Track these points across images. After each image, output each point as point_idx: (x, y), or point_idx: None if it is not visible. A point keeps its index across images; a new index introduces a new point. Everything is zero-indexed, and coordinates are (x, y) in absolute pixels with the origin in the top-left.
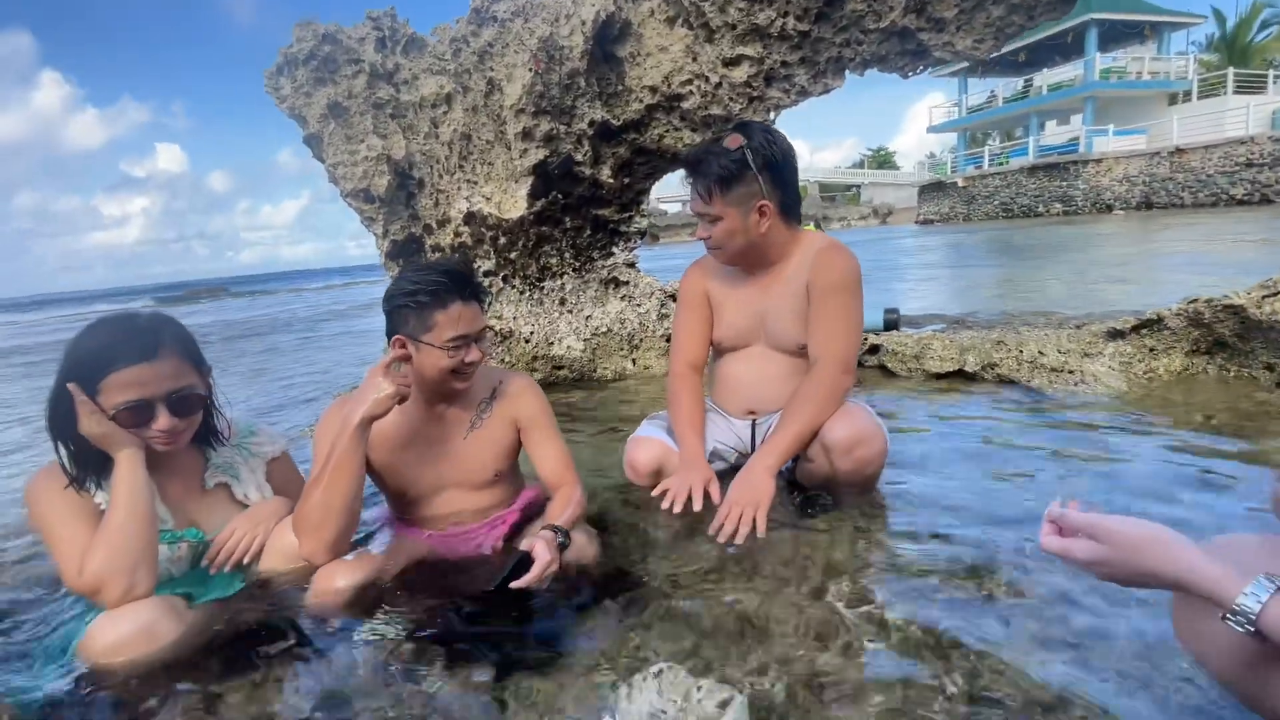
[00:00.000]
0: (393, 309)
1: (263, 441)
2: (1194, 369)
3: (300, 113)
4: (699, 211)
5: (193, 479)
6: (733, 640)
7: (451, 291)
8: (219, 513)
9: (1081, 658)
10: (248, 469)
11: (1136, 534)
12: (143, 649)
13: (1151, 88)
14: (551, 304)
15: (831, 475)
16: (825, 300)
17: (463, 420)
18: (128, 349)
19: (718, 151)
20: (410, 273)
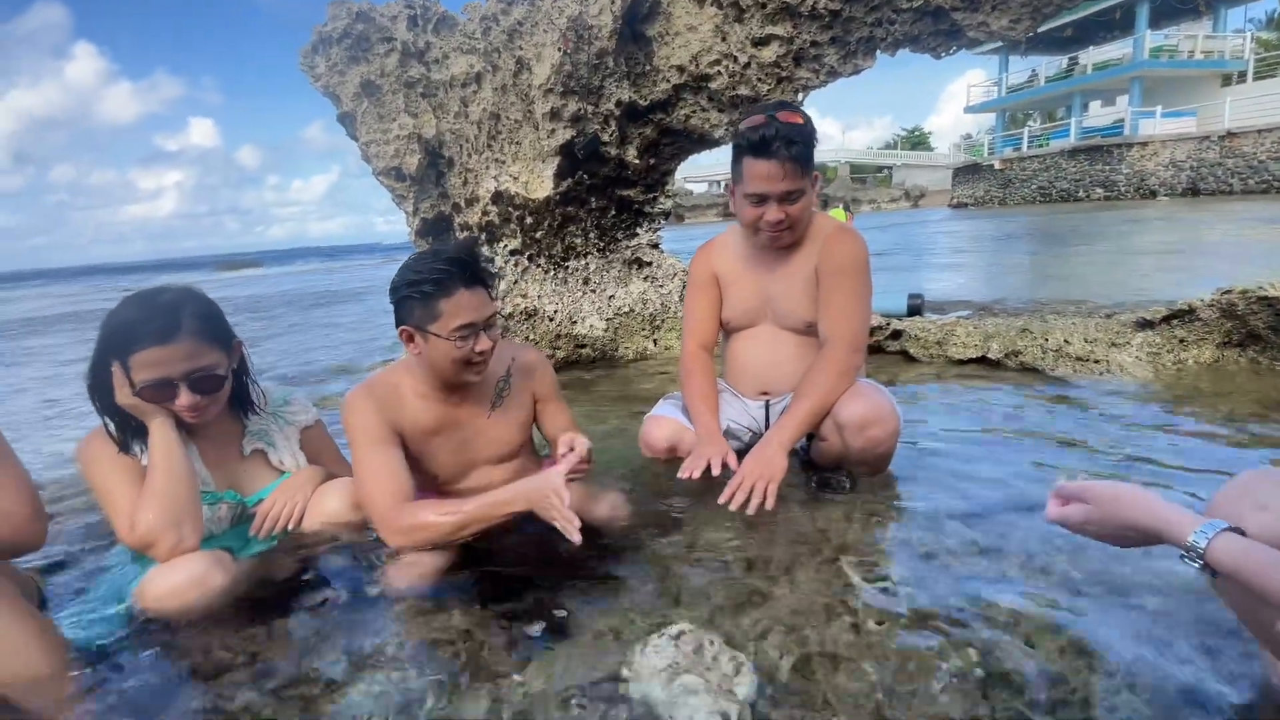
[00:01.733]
0: (398, 300)
1: (297, 410)
2: (1225, 361)
3: (334, 91)
4: (787, 189)
5: (231, 446)
6: (746, 610)
7: (456, 279)
8: (257, 477)
9: (1091, 638)
10: (283, 437)
11: (1113, 490)
12: (193, 597)
13: (1204, 67)
14: (575, 283)
15: (845, 454)
16: (835, 282)
17: (483, 401)
18: (148, 331)
19: (792, 127)
20: (414, 261)
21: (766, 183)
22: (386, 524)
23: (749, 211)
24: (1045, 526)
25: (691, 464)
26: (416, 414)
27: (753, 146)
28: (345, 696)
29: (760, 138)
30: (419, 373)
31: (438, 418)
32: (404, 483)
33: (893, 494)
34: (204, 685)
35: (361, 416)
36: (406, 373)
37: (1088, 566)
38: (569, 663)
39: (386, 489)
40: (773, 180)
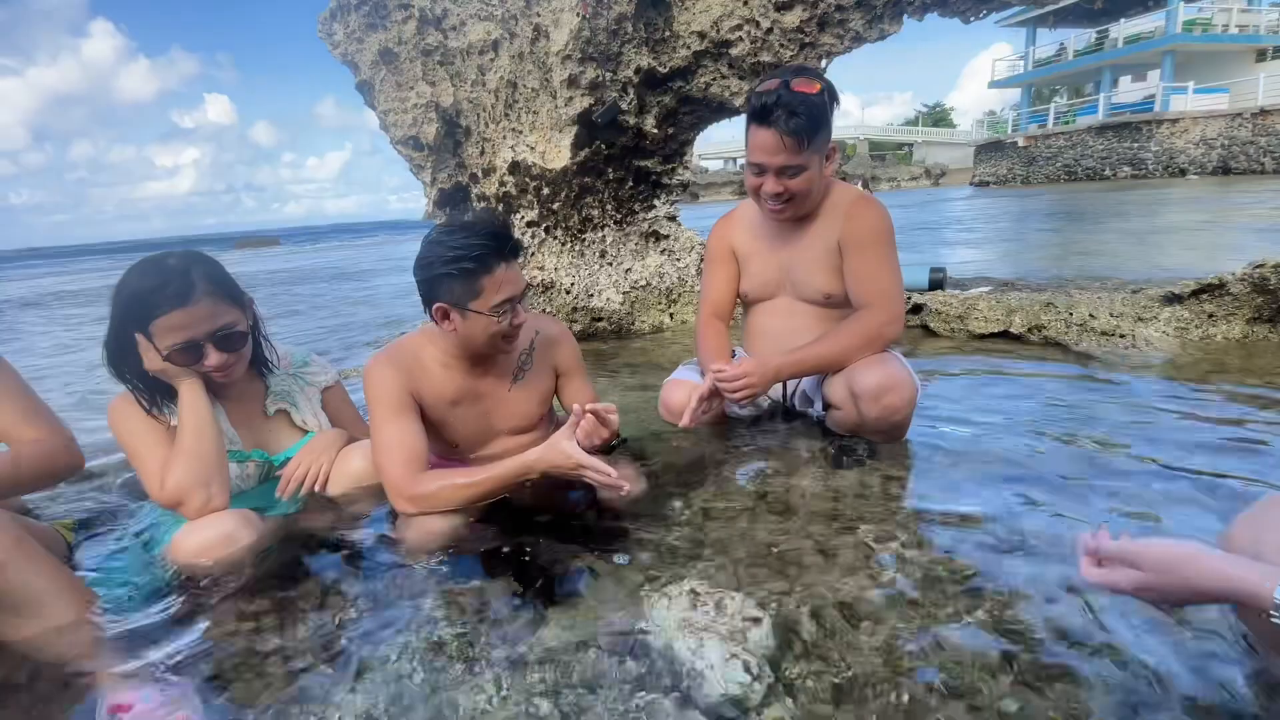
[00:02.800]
0: (433, 276)
1: (316, 371)
2: (1254, 336)
3: (353, 59)
4: (784, 164)
5: (256, 406)
6: (763, 568)
7: (497, 254)
8: (282, 437)
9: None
10: (304, 397)
11: (1166, 554)
12: (223, 552)
13: (1239, 42)
14: (592, 256)
15: (860, 422)
16: (865, 251)
17: (506, 373)
18: (165, 296)
19: (799, 97)
20: (447, 236)
21: (763, 154)
22: (398, 491)
23: (750, 180)
24: (1062, 498)
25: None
26: (438, 383)
27: (755, 113)
28: (368, 648)
29: (763, 105)
30: (444, 343)
31: (460, 388)
32: (419, 451)
33: (910, 463)
34: (230, 637)
35: (381, 384)
36: (429, 341)
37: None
38: (586, 617)
39: (400, 457)
40: (769, 152)
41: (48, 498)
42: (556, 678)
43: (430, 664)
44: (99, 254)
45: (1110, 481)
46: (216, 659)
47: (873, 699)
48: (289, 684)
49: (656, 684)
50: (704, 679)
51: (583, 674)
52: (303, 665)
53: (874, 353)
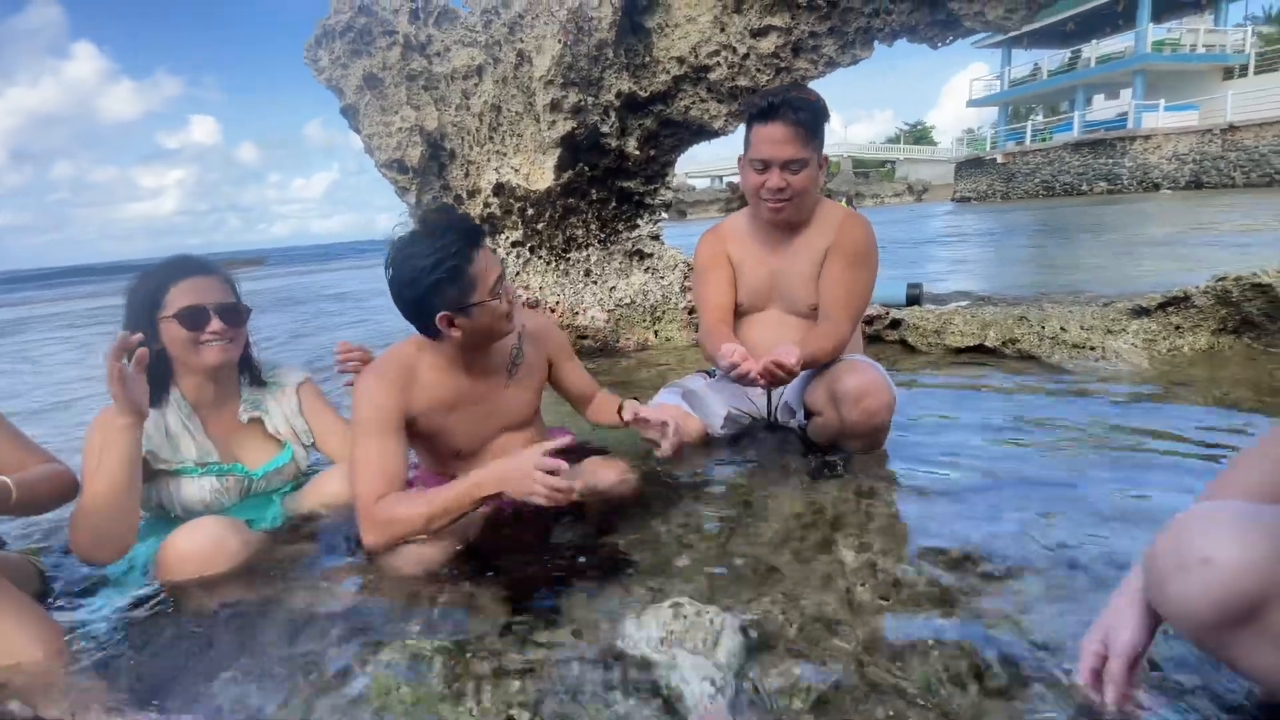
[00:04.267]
0: (423, 291)
1: (284, 374)
2: (1220, 347)
3: (338, 84)
4: (790, 156)
5: (231, 415)
6: (742, 582)
7: (471, 243)
8: (259, 449)
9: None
10: (275, 401)
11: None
12: (212, 558)
13: (1206, 61)
14: (577, 275)
15: (841, 428)
16: (848, 266)
17: (499, 371)
18: (186, 266)
19: (801, 98)
20: (416, 248)
21: (771, 147)
22: (365, 517)
23: (752, 178)
24: (1038, 505)
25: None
26: (433, 390)
27: (760, 113)
28: (351, 665)
29: (768, 104)
30: (438, 348)
31: (456, 391)
32: (395, 473)
33: (887, 474)
34: (208, 659)
35: (370, 400)
36: (420, 349)
37: (1082, 549)
38: (566, 635)
39: (373, 479)
40: (777, 144)
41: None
42: (537, 690)
43: (412, 679)
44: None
45: (1082, 492)
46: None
47: (852, 710)
48: (270, 702)
49: (636, 697)
50: (683, 693)
51: (563, 687)
52: (285, 682)
53: (838, 353)
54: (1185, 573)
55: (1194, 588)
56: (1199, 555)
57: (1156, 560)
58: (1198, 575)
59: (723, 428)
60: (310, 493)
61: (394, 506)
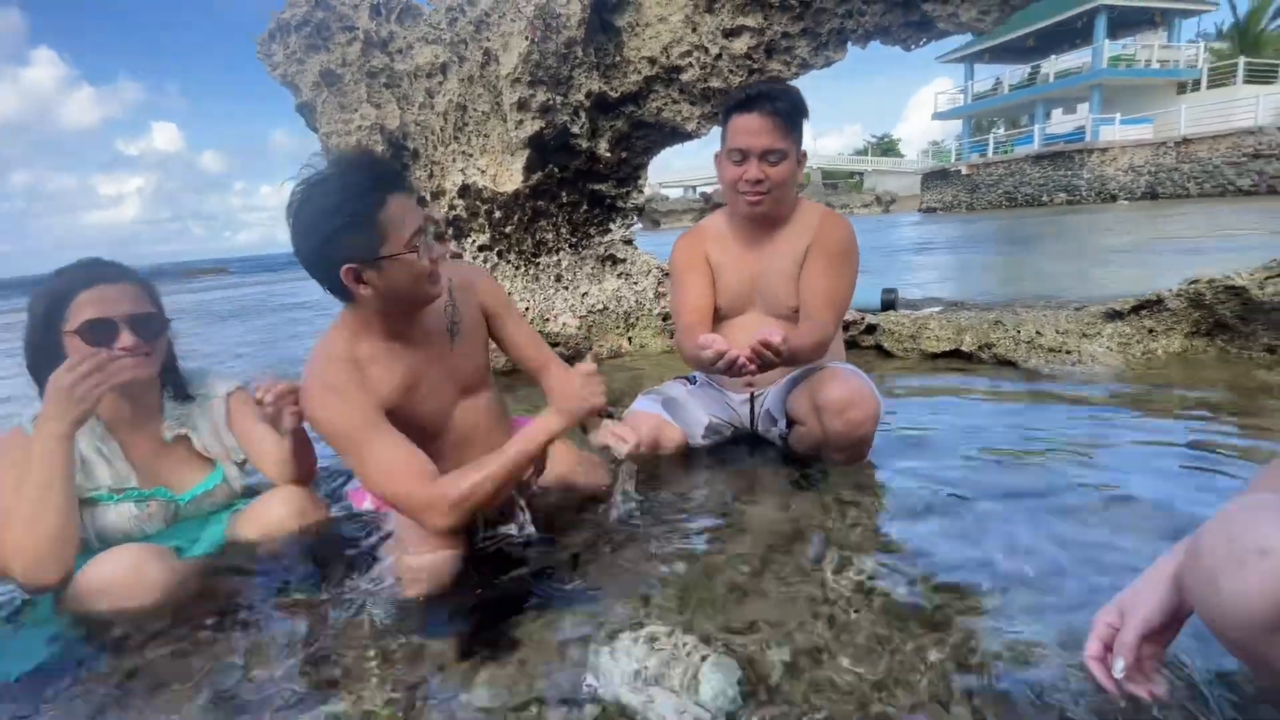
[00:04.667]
0: (324, 238)
1: (213, 383)
2: (1193, 350)
3: (293, 80)
4: (768, 146)
5: (154, 435)
6: (724, 608)
7: (385, 186)
8: (186, 470)
9: (1072, 631)
10: (204, 417)
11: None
12: (131, 590)
13: (1160, 76)
14: (547, 280)
15: (824, 438)
16: (829, 263)
17: (440, 333)
18: (92, 274)
19: (780, 89)
20: (320, 188)
21: (749, 136)
22: (434, 508)
23: (730, 170)
24: (1024, 515)
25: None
26: (386, 377)
27: (738, 104)
28: (291, 713)
29: (746, 95)
30: (370, 327)
31: (406, 369)
32: (422, 458)
33: (869, 485)
34: (140, 700)
35: (340, 412)
36: (349, 339)
37: (1070, 559)
38: (531, 671)
39: (412, 473)
40: (755, 134)
41: None
42: None
43: None
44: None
45: (1066, 499)
46: None
47: None
48: None
49: None
50: None
51: None
52: None
53: (821, 354)
54: (1241, 566)
55: (1252, 582)
56: (1257, 546)
57: (1204, 556)
58: (1256, 568)
59: (704, 437)
60: (249, 519)
61: (459, 482)
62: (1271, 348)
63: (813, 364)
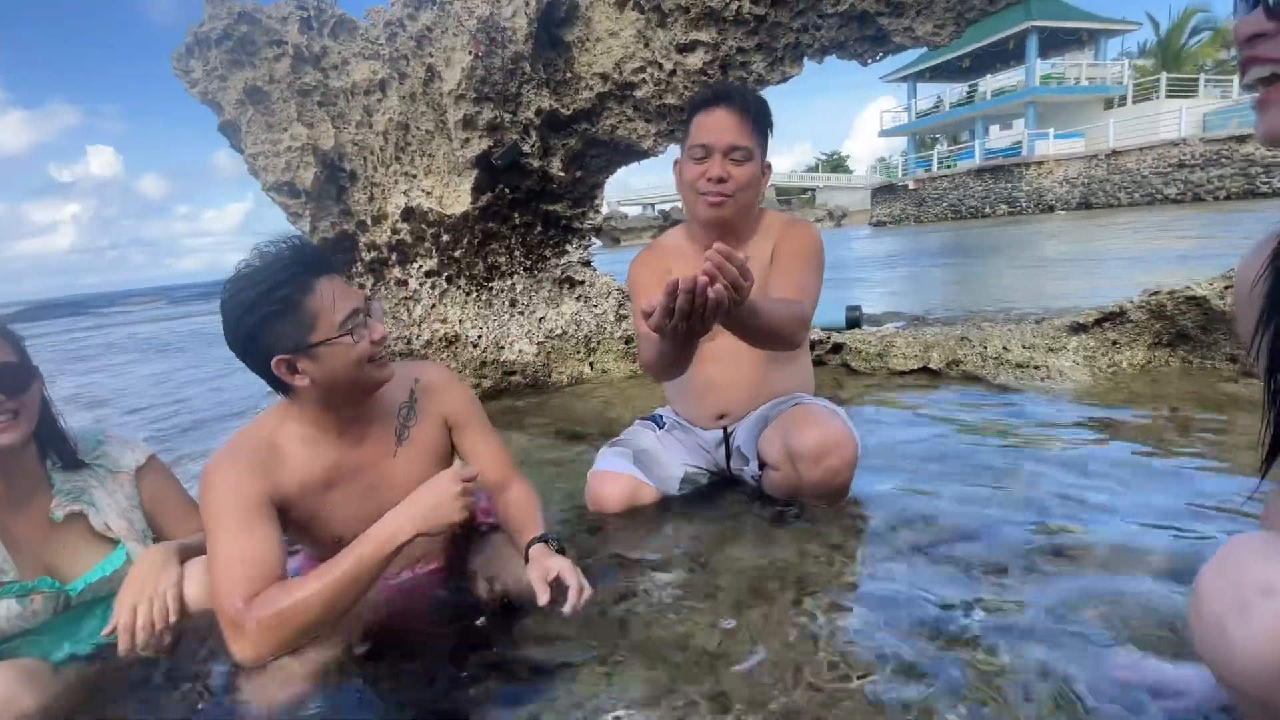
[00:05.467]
0: (251, 329)
1: (116, 453)
2: (1156, 361)
3: (214, 98)
4: (732, 142)
5: (39, 514)
6: (705, 674)
7: (311, 269)
8: (80, 552)
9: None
10: (105, 492)
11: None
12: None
13: (1089, 92)
14: (501, 305)
15: (799, 486)
16: (793, 262)
17: (386, 436)
18: None
19: (748, 89)
20: (243, 281)
21: (713, 132)
22: (233, 627)
23: (691, 169)
24: (1012, 548)
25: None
26: (304, 467)
27: (704, 100)
28: None
29: (712, 92)
30: (302, 413)
31: (332, 464)
32: (269, 566)
33: (850, 521)
34: None
35: (223, 489)
36: (283, 419)
37: (1064, 598)
38: None
39: (239, 579)
40: (720, 130)
41: None
42: None
43: None
44: None
45: (1056, 523)
46: None
47: None
48: None
49: None
50: None
51: None
52: None
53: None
54: (1247, 610)
55: (1260, 624)
56: (1259, 585)
57: (1206, 604)
58: (1263, 609)
59: (680, 489)
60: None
61: (276, 598)
62: (1233, 357)
63: (784, 398)
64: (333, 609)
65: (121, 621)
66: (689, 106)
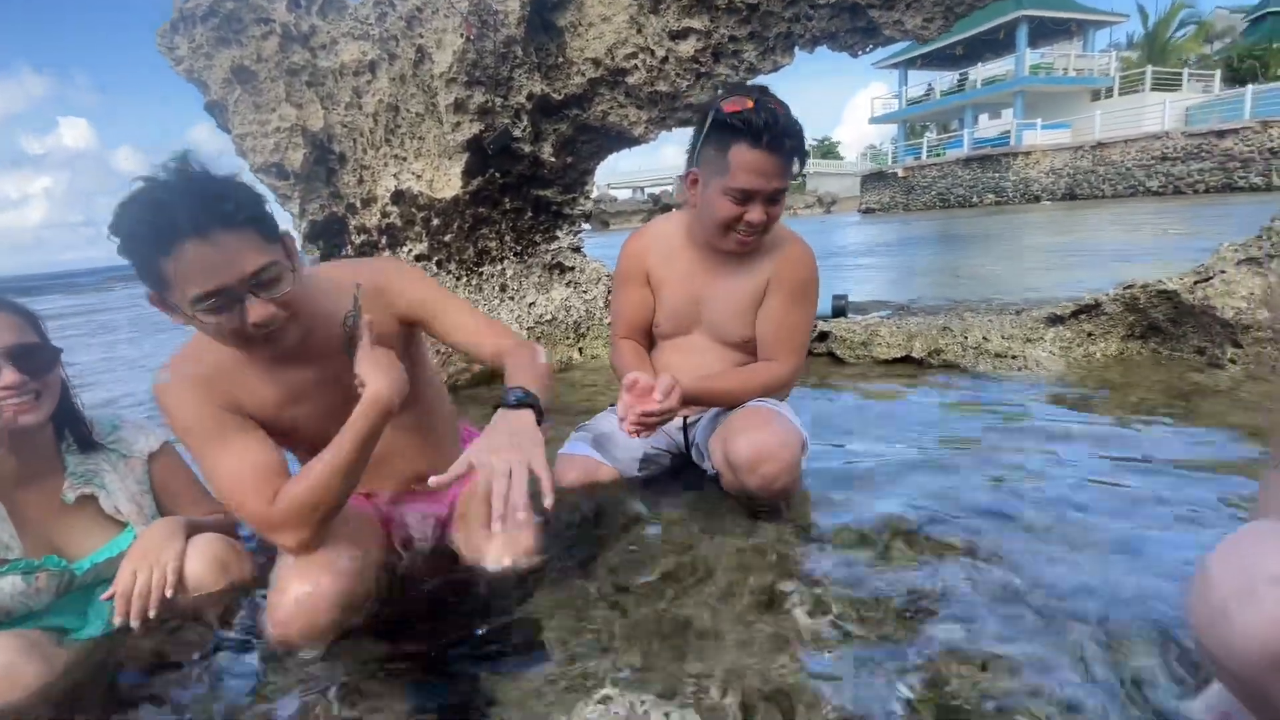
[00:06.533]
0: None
1: (130, 437)
2: (1129, 353)
3: (200, 76)
4: (778, 188)
5: (51, 495)
6: (682, 653)
7: (178, 231)
8: (88, 533)
9: (1041, 660)
10: (117, 475)
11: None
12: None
13: (1077, 84)
14: (491, 290)
15: (743, 491)
16: (793, 300)
17: (335, 352)
18: None
19: (788, 117)
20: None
21: (761, 178)
22: (273, 526)
23: (727, 208)
24: (988, 535)
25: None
26: (258, 386)
27: (752, 133)
28: None
29: (763, 123)
30: None
31: (287, 383)
32: (272, 465)
33: (828, 507)
34: None
35: (186, 408)
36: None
37: (1032, 581)
38: None
39: (251, 483)
40: (769, 176)
41: None
42: None
43: None
44: None
45: (1029, 515)
46: None
47: None
48: None
49: None
50: None
51: None
52: None
53: (768, 395)
54: (1253, 598)
55: (1266, 613)
56: (1269, 574)
57: (1210, 591)
58: (1270, 597)
59: (641, 470)
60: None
61: (295, 491)
62: (1201, 349)
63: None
64: (350, 478)
65: (120, 586)
66: (716, 120)
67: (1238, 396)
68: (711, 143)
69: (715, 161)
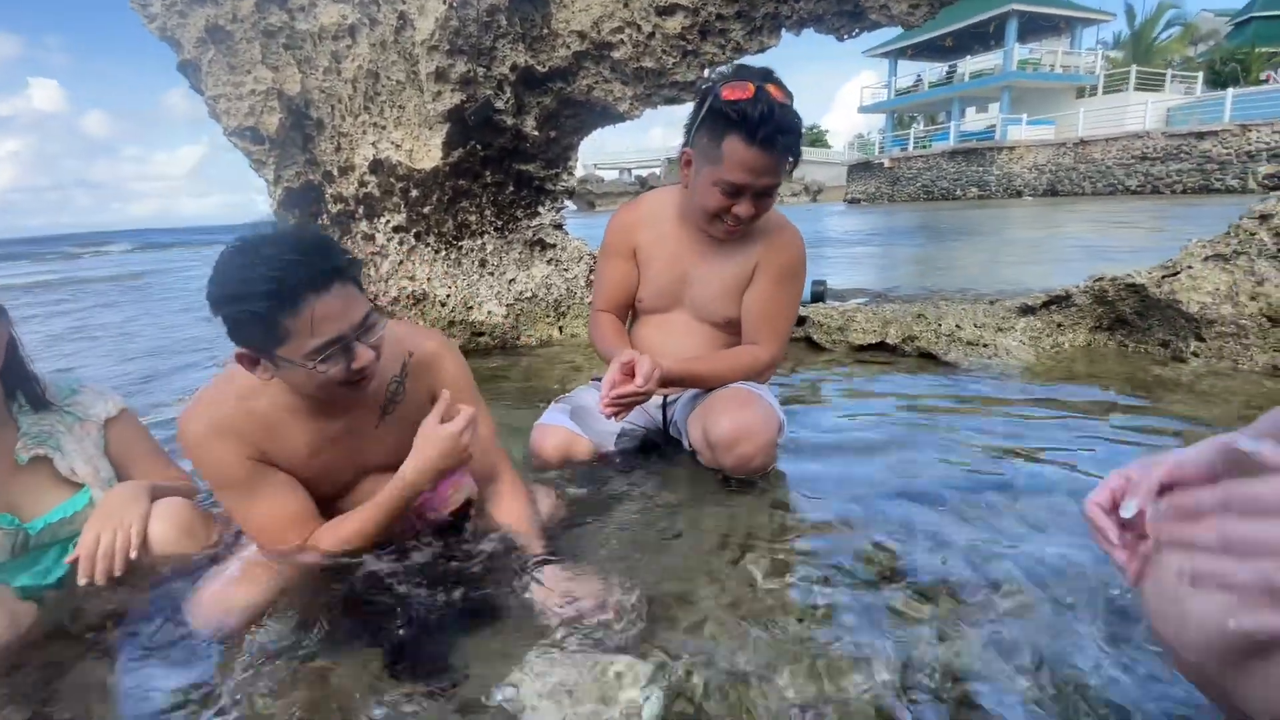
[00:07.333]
0: (226, 317)
1: (88, 401)
2: (1096, 344)
3: (173, 35)
4: (770, 184)
5: (4, 454)
6: (652, 621)
7: (301, 286)
8: (42, 493)
9: (1001, 633)
10: (73, 438)
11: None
12: None
13: (1063, 80)
14: (471, 265)
15: (721, 468)
16: (780, 284)
17: (371, 408)
18: None
19: (787, 111)
20: (236, 259)
21: (752, 174)
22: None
23: (717, 199)
24: (952, 514)
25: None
26: (290, 437)
27: (748, 127)
28: None
29: (759, 117)
30: (275, 385)
31: (320, 435)
32: (302, 512)
33: (799, 482)
34: None
35: (218, 457)
36: (251, 387)
37: (995, 552)
38: (439, 706)
39: (279, 534)
40: (760, 174)
41: None
42: None
43: None
44: None
45: (993, 496)
46: None
47: None
48: None
49: None
50: None
51: None
52: None
53: (749, 379)
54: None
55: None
56: None
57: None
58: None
59: (618, 444)
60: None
61: (323, 541)
62: (1165, 342)
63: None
64: (374, 539)
65: (84, 548)
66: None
67: (1197, 389)
68: (706, 128)
69: (708, 149)
